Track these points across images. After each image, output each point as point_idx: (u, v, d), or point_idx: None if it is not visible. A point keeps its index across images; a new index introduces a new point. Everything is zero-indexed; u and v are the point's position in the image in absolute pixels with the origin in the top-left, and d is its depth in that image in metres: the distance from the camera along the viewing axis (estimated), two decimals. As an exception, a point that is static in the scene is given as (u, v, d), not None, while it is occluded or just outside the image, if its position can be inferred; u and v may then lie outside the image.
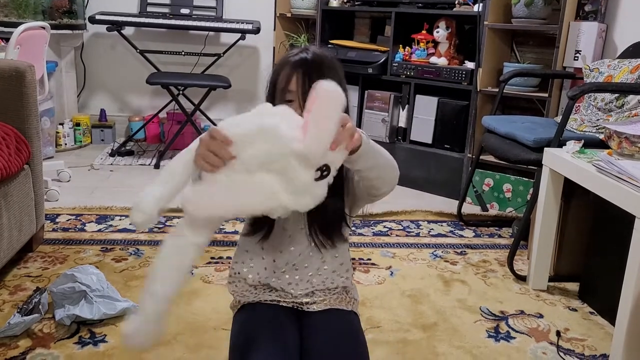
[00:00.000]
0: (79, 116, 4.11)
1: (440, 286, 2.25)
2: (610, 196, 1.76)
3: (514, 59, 3.37)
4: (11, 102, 2.16)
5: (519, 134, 2.43)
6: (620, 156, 1.90)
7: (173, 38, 4.25)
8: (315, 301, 1.44)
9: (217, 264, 2.31)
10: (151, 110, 4.25)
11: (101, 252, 2.37)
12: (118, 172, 3.56)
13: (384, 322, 1.94)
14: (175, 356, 1.69)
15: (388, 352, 1.77)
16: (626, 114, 2.34)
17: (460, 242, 2.72)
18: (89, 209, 2.85)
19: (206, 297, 2.04)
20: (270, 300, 1.44)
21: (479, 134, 3.08)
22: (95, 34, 4.21)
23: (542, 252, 2.24)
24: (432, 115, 3.38)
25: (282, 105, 1.13)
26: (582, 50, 2.85)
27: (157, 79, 3.72)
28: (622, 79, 2.38)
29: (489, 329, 1.95)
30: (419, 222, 2.94)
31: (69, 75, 4.13)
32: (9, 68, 2.16)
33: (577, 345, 1.88)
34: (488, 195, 3.21)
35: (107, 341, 1.75)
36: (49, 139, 3.69)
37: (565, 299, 2.19)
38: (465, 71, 3.23)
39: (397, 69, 3.46)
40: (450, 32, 3.35)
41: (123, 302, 1.89)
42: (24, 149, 2.13)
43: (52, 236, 2.50)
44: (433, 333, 1.90)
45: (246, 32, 3.94)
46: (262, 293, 1.45)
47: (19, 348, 1.68)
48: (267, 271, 1.43)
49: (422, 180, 3.44)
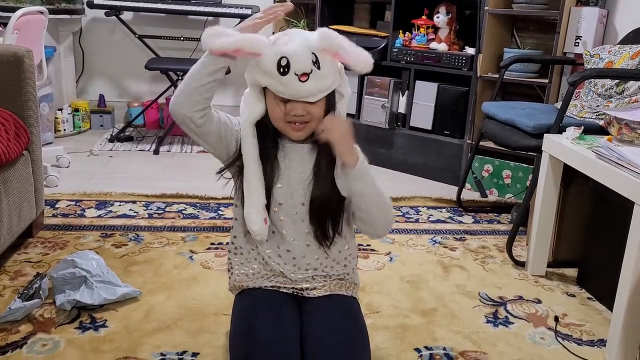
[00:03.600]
0: (77, 102, 4.10)
1: (440, 272, 2.25)
2: (609, 182, 1.76)
3: (514, 44, 3.35)
4: (10, 87, 2.16)
5: (518, 120, 2.43)
6: (620, 142, 1.90)
7: (172, 23, 4.23)
8: (316, 287, 1.45)
9: (217, 250, 2.32)
10: (150, 96, 4.24)
11: (101, 237, 2.38)
12: (117, 158, 3.55)
13: (383, 308, 1.95)
14: (176, 341, 1.70)
15: (387, 337, 1.78)
16: (626, 100, 2.33)
17: (459, 228, 2.72)
18: (89, 195, 2.85)
19: (206, 282, 2.05)
20: (271, 286, 1.45)
21: (479, 120, 3.08)
22: (93, 18, 4.18)
23: (541, 238, 2.25)
24: (431, 101, 3.37)
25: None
26: (582, 36, 2.84)
27: (156, 65, 3.71)
28: (623, 65, 2.38)
29: (488, 314, 1.97)
30: (418, 208, 2.94)
31: (68, 60, 4.11)
32: (7, 53, 2.15)
33: (575, 330, 1.90)
34: (487, 182, 3.22)
35: (108, 326, 1.75)
36: (47, 124, 3.68)
37: (563, 285, 2.20)
38: (465, 57, 3.21)
39: (397, 54, 3.44)
40: (450, 17, 3.33)
41: (123, 287, 1.90)
42: (23, 134, 2.13)
43: (52, 222, 2.50)
44: (432, 318, 1.91)
45: (245, 17, 3.89)
46: (262, 279, 1.46)
47: (19, 333, 1.69)
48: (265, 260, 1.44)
49: (422, 166, 3.44)
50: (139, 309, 1.86)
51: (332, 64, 1.28)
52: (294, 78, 1.24)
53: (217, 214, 2.70)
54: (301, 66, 1.23)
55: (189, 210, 2.73)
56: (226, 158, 1.39)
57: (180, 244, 2.36)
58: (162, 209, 2.73)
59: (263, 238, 1.38)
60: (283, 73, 1.23)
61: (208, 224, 2.58)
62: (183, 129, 1.31)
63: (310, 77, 1.24)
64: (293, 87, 1.25)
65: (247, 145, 1.33)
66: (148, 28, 4.15)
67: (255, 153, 1.34)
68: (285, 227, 1.40)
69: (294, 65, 1.23)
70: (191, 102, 1.26)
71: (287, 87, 1.25)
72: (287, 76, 1.24)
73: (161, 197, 2.87)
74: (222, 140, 1.35)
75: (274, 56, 1.24)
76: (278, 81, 1.25)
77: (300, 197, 1.38)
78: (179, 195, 2.90)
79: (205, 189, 2.95)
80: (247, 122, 1.33)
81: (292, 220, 1.39)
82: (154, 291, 1.97)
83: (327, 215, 1.38)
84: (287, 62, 1.23)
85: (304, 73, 1.24)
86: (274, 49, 1.24)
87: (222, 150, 1.37)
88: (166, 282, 2.04)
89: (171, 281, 2.05)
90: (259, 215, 1.34)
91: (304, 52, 1.24)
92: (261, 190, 1.34)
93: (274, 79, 1.25)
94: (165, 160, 3.54)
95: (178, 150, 3.78)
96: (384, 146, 3.54)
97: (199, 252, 2.29)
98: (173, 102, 1.28)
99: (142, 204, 2.78)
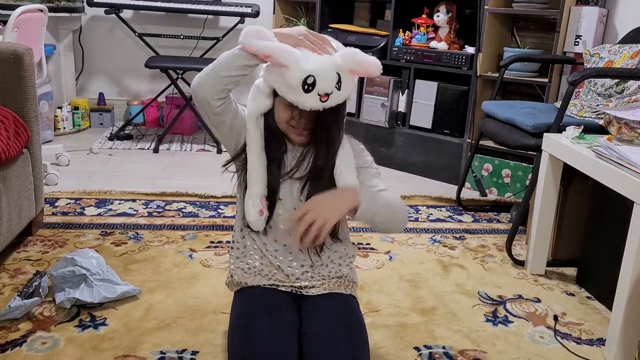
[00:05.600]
0: (77, 100, 4.09)
1: (439, 271, 2.26)
2: (609, 182, 1.76)
3: (514, 43, 3.35)
4: (9, 85, 2.15)
5: (518, 119, 2.43)
6: (620, 142, 1.90)
7: (172, 21, 4.22)
8: (314, 285, 1.45)
9: (216, 248, 2.32)
10: (150, 94, 4.24)
11: (101, 236, 2.38)
12: (117, 156, 3.55)
13: (382, 306, 1.96)
14: (175, 339, 1.70)
15: (387, 335, 1.78)
16: (626, 99, 2.33)
17: (459, 227, 2.72)
18: (88, 193, 2.85)
19: (206, 281, 2.05)
20: (270, 284, 1.45)
21: (479, 119, 3.08)
22: (93, 16, 4.18)
23: (540, 237, 2.25)
24: (431, 100, 3.37)
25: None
26: (582, 35, 2.84)
27: (156, 63, 3.70)
28: (623, 64, 2.38)
29: (487, 313, 1.97)
30: (418, 207, 2.94)
31: (67, 58, 4.10)
32: (7, 51, 2.14)
33: (574, 329, 1.90)
34: (487, 181, 3.22)
35: (108, 324, 1.75)
36: (47, 122, 3.68)
37: (563, 284, 2.21)
38: (465, 56, 3.21)
39: (397, 53, 3.44)
40: (450, 16, 3.33)
41: (123, 285, 1.90)
42: (23, 132, 2.13)
43: (52, 220, 2.50)
44: (431, 317, 1.91)
45: (245, 15, 3.92)
46: (260, 276, 1.46)
47: (19, 331, 1.69)
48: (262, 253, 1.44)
49: (421, 165, 3.44)
50: (138, 307, 1.86)
51: (350, 80, 1.30)
52: (315, 97, 1.25)
53: (216, 212, 2.70)
54: (325, 87, 1.25)
55: (188, 209, 2.73)
56: (234, 149, 1.40)
57: (180, 242, 2.36)
58: (162, 207, 2.73)
59: (259, 229, 1.40)
60: (307, 91, 1.24)
61: (208, 223, 2.58)
62: (200, 112, 1.35)
63: (330, 97, 1.26)
64: (310, 103, 1.26)
65: (251, 137, 1.35)
66: (148, 26, 4.15)
67: (259, 144, 1.35)
68: (283, 222, 1.41)
69: (319, 85, 1.24)
70: (214, 89, 1.29)
71: (304, 101, 1.26)
72: (310, 94, 1.24)
73: (161, 196, 2.87)
74: (234, 132, 1.37)
75: (301, 74, 1.23)
76: (297, 95, 1.25)
77: (299, 193, 1.38)
78: (179, 193, 2.90)
79: (205, 188, 2.95)
80: (253, 114, 1.35)
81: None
82: (154, 289, 1.97)
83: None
84: (313, 81, 1.23)
85: (326, 94, 1.25)
86: (301, 65, 1.24)
87: (232, 141, 1.39)
88: (166, 280, 2.04)
89: (171, 279, 2.05)
90: (255, 207, 1.36)
91: (330, 73, 1.25)
92: (261, 181, 1.36)
93: (294, 93, 1.25)
94: (164, 159, 3.54)
95: (178, 149, 3.77)
96: (383, 145, 3.54)
97: (198, 251, 2.29)
98: (197, 82, 1.30)
99: (142, 202, 2.78)
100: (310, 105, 1.26)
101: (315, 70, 1.23)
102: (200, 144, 3.88)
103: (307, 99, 1.25)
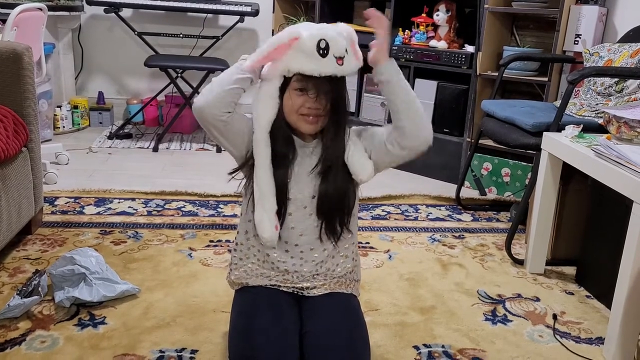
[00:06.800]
0: (76, 99, 4.09)
1: (438, 270, 2.26)
2: (608, 181, 1.76)
3: (514, 42, 3.35)
4: (9, 84, 2.15)
5: (518, 118, 2.43)
6: (619, 141, 1.90)
7: (171, 20, 4.22)
8: (316, 286, 1.45)
9: (216, 247, 2.32)
10: (149, 93, 4.24)
11: (100, 234, 2.38)
12: (116, 155, 3.55)
13: (382, 305, 1.96)
14: (175, 338, 1.70)
15: (386, 334, 1.78)
16: (625, 98, 2.33)
17: (458, 226, 2.72)
18: (88, 192, 2.84)
19: (205, 280, 2.05)
20: (271, 285, 1.45)
21: (478, 118, 3.08)
22: (92, 15, 4.18)
23: (539, 236, 2.25)
24: (431, 99, 3.37)
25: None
26: (582, 34, 2.84)
27: (155, 62, 3.70)
28: (622, 63, 2.38)
29: (486, 312, 1.97)
30: (418, 206, 2.94)
31: (67, 57, 4.10)
32: (6, 50, 2.14)
33: (574, 328, 1.90)
34: (486, 180, 3.22)
35: (107, 323, 1.75)
36: (46, 121, 3.68)
37: (562, 283, 2.21)
38: (465, 55, 3.21)
39: (396, 52, 3.44)
40: (450, 15, 3.33)
41: (122, 284, 1.90)
42: (22, 131, 2.13)
43: (51, 219, 2.50)
44: (431, 316, 1.91)
45: (245, 14, 3.92)
46: (262, 277, 1.46)
47: (18, 330, 1.69)
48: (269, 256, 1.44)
49: (421, 164, 3.44)
50: (137, 306, 1.86)
51: (355, 52, 1.34)
52: (332, 61, 1.27)
53: (216, 211, 2.70)
54: (339, 48, 1.28)
55: (188, 208, 2.73)
56: (243, 157, 1.39)
57: (179, 241, 2.36)
58: (161, 206, 2.73)
59: (273, 245, 1.39)
60: (323, 55, 1.26)
61: (207, 222, 2.58)
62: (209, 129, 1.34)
63: (344, 61, 1.29)
64: (328, 67, 1.28)
65: (260, 155, 1.34)
66: (147, 25, 4.14)
67: (267, 163, 1.34)
68: (294, 221, 1.40)
69: (333, 47, 1.27)
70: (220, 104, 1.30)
71: (322, 66, 1.28)
72: (327, 58, 1.27)
73: (160, 195, 2.87)
74: (244, 136, 1.37)
75: (312, 38, 1.26)
76: (314, 62, 1.27)
77: (310, 190, 1.38)
78: (178, 192, 2.90)
79: (205, 186, 2.95)
80: (262, 128, 1.33)
81: (301, 214, 1.39)
82: (153, 288, 1.97)
83: (335, 208, 1.39)
84: (326, 44, 1.26)
85: (340, 57, 1.28)
86: (311, 31, 1.28)
87: (241, 150, 1.38)
88: (165, 279, 2.04)
89: (170, 278, 2.05)
90: (270, 223, 1.35)
91: (339, 36, 1.29)
92: (272, 196, 1.35)
93: (311, 61, 1.27)
94: (164, 158, 3.54)
95: (177, 148, 3.77)
96: (383, 144, 3.53)
97: (198, 250, 2.29)
98: (200, 99, 1.30)
99: (141, 201, 2.78)
100: (329, 70, 1.28)
101: (325, 34, 1.27)
102: (199, 143, 3.88)
103: (325, 63, 1.27)
